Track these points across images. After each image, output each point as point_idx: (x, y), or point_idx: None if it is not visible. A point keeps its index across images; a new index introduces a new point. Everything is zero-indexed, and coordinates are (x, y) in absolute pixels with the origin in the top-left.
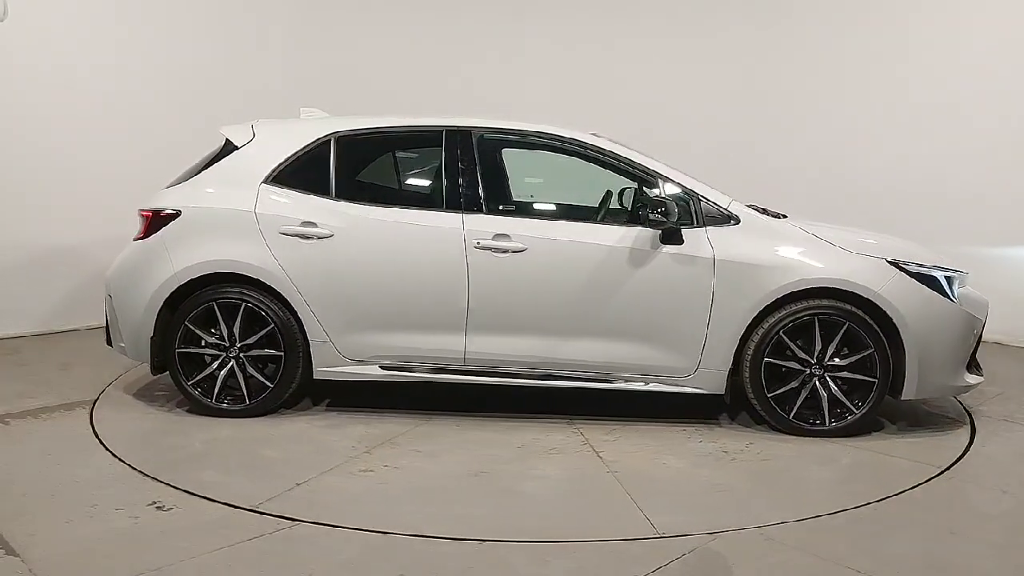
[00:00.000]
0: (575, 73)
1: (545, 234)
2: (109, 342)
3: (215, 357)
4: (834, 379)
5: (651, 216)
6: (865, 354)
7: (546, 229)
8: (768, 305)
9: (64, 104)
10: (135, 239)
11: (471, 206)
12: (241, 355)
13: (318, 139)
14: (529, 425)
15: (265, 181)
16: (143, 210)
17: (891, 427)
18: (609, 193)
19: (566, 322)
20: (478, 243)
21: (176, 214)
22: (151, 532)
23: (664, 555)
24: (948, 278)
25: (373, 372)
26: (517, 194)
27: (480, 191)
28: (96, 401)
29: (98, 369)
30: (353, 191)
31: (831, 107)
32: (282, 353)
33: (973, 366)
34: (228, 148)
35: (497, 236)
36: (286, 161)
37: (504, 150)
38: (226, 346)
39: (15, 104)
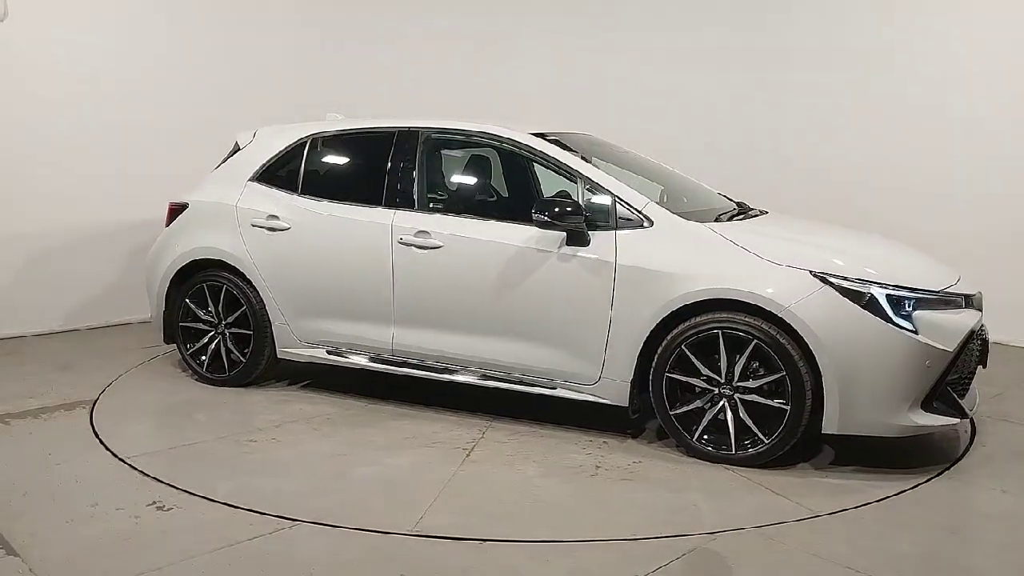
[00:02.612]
0: (577, 72)
1: (462, 232)
2: None
3: (206, 332)
4: (746, 402)
5: (533, 215)
6: (776, 377)
7: (464, 227)
8: (672, 316)
9: (67, 108)
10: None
11: (404, 203)
12: (225, 331)
13: (297, 140)
14: (449, 419)
15: (251, 179)
16: (169, 203)
17: (818, 461)
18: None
19: (477, 320)
20: (401, 239)
21: (185, 206)
22: (151, 532)
23: (664, 555)
24: (892, 297)
25: (321, 355)
26: (452, 192)
27: (414, 188)
28: (96, 401)
29: (98, 369)
30: (315, 188)
31: (832, 105)
32: (251, 332)
33: (940, 404)
34: (235, 150)
35: (419, 233)
36: (269, 161)
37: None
38: (215, 323)
39: (15, 104)
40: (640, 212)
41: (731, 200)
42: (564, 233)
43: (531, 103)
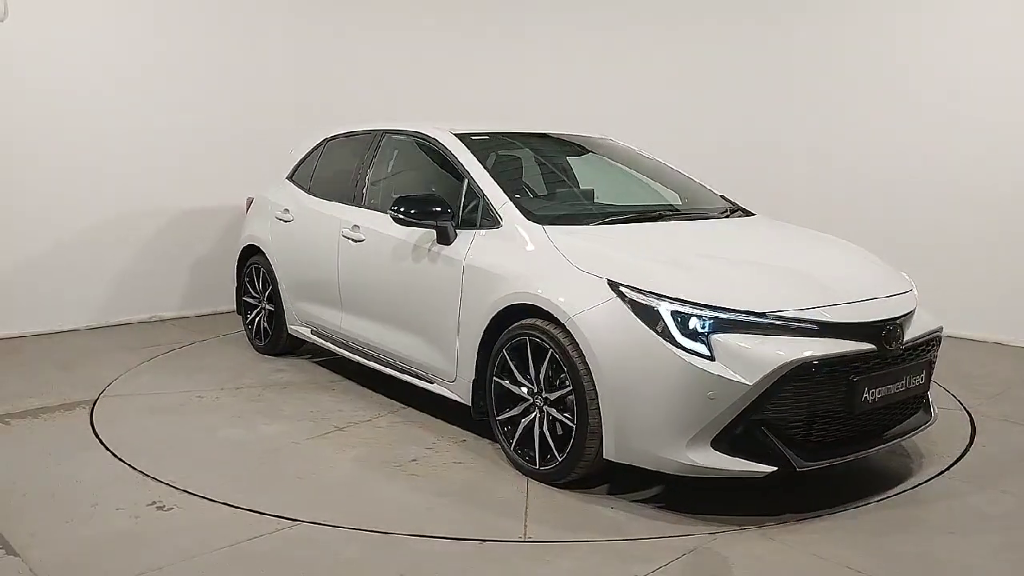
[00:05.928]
0: (578, 73)
1: (378, 227)
2: None
3: (255, 307)
4: (550, 415)
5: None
6: (567, 391)
7: (381, 223)
8: (504, 318)
9: (67, 108)
10: None
11: (356, 199)
12: (263, 307)
13: (319, 142)
14: (373, 401)
15: (287, 177)
16: (247, 197)
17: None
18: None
19: (381, 311)
20: (343, 233)
21: (251, 200)
22: (151, 532)
23: (664, 555)
24: (679, 314)
25: (307, 335)
26: (387, 189)
27: (364, 186)
28: (96, 401)
29: (98, 369)
30: (317, 186)
31: (833, 104)
32: (272, 308)
33: (749, 447)
34: (292, 152)
35: (353, 227)
36: (299, 162)
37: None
38: (261, 299)
39: (14, 105)
40: (497, 212)
41: (728, 201)
42: (435, 231)
43: (534, 102)
